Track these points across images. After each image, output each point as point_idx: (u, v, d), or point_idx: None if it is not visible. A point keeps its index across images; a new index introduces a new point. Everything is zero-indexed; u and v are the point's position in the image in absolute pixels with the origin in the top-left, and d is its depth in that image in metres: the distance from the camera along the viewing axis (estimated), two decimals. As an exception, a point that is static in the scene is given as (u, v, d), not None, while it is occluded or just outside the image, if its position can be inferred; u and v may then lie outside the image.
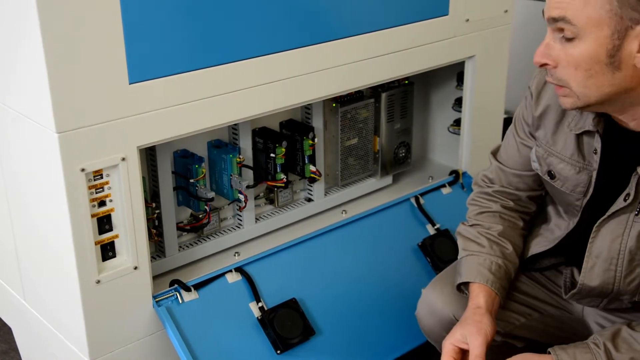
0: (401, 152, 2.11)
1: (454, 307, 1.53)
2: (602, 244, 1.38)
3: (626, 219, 1.35)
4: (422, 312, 1.60)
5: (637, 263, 1.36)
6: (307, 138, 1.85)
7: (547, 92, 1.44)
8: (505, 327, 1.56)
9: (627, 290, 1.40)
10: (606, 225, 1.38)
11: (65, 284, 1.51)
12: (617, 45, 1.20)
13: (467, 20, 1.95)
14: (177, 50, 1.45)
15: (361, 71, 1.77)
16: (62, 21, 1.28)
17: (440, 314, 1.56)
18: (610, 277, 1.39)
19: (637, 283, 1.38)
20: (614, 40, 1.20)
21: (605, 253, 1.38)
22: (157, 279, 1.66)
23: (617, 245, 1.37)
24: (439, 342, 1.59)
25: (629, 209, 1.34)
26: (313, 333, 1.70)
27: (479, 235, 1.54)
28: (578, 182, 1.42)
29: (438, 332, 1.57)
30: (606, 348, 1.31)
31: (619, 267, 1.38)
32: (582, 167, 1.41)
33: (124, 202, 1.47)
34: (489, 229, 1.55)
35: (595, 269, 1.40)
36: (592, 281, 1.42)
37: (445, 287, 1.57)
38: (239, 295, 1.69)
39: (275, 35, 1.58)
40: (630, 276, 1.38)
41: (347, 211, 1.99)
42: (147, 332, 1.60)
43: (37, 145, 1.42)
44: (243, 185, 1.74)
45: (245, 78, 1.56)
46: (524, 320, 1.57)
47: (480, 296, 1.45)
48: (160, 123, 1.47)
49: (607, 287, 1.41)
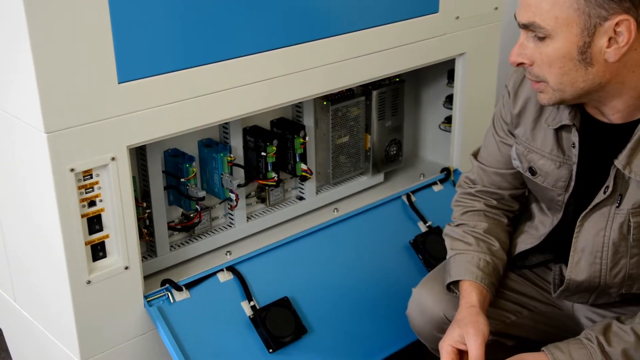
0: (392, 149, 2.11)
1: (445, 306, 1.54)
2: (586, 237, 1.40)
3: (608, 211, 1.36)
4: (413, 311, 1.60)
5: (621, 255, 1.38)
6: (298, 136, 1.84)
7: (525, 90, 1.47)
8: (496, 326, 1.56)
9: (613, 282, 1.41)
10: (589, 219, 1.39)
11: (56, 285, 1.50)
12: (587, 42, 1.23)
13: (457, 17, 1.95)
14: (166, 49, 1.44)
15: (352, 69, 1.77)
16: (50, 20, 1.28)
17: (431, 313, 1.56)
18: (596, 271, 1.40)
19: (622, 275, 1.39)
20: (584, 37, 1.23)
21: (590, 247, 1.39)
22: (148, 279, 1.66)
23: (601, 238, 1.38)
24: (429, 341, 1.60)
25: (609, 201, 1.36)
26: (305, 331, 1.70)
27: (465, 234, 1.55)
28: (559, 177, 1.44)
29: (429, 331, 1.58)
30: (599, 342, 1.32)
31: (604, 260, 1.39)
32: (562, 162, 1.43)
33: (114, 202, 1.46)
34: (475, 227, 1.55)
35: (581, 263, 1.41)
36: (579, 276, 1.42)
37: (436, 286, 1.57)
38: (231, 294, 1.68)
39: (265, 33, 1.58)
40: (615, 268, 1.39)
41: (338, 209, 1.99)
42: (138, 332, 1.60)
43: (26, 146, 1.41)
44: (234, 184, 1.73)
45: (235, 77, 1.56)
46: (514, 318, 1.58)
47: (472, 294, 1.45)
48: (150, 122, 1.46)
49: (594, 280, 1.42)
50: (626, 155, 1.31)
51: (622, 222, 1.35)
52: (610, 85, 1.29)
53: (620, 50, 1.23)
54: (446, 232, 1.61)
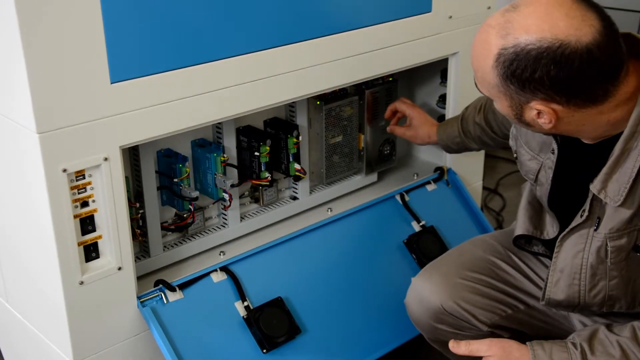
0: (386, 149, 2.11)
1: (442, 296, 1.56)
2: (565, 258, 1.40)
3: (586, 233, 1.36)
4: (411, 300, 1.63)
5: (600, 277, 1.37)
6: (291, 136, 1.84)
7: None
8: (491, 318, 1.58)
9: (593, 302, 1.40)
10: (568, 240, 1.39)
11: (48, 286, 1.50)
12: (518, 112, 1.28)
13: (450, 17, 1.95)
14: (159, 49, 1.44)
15: (345, 69, 1.76)
16: (42, 20, 1.27)
17: (428, 302, 1.58)
18: (575, 292, 1.40)
19: (602, 296, 1.39)
20: (514, 108, 1.27)
21: (568, 268, 1.40)
22: (141, 279, 1.66)
23: (579, 260, 1.37)
24: (426, 331, 1.64)
25: (588, 223, 1.35)
26: (299, 331, 1.69)
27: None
28: (529, 169, 1.49)
29: (425, 320, 1.60)
30: (582, 349, 1.32)
31: (582, 282, 1.39)
32: (533, 155, 1.47)
33: (107, 203, 1.46)
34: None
35: (560, 283, 1.42)
36: (558, 295, 1.43)
37: (434, 276, 1.60)
38: (225, 294, 1.68)
39: (257, 33, 1.57)
40: (594, 290, 1.38)
41: (332, 209, 1.98)
42: (131, 333, 1.59)
43: (17, 146, 1.41)
44: (227, 184, 1.73)
45: (228, 76, 1.55)
46: (510, 311, 1.60)
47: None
48: (143, 122, 1.46)
49: (573, 300, 1.42)
50: (600, 180, 1.30)
51: (600, 246, 1.34)
52: (565, 131, 1.31)
53: (550, 123, 1.26)
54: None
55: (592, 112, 1.24)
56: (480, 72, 1.27)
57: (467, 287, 1.58)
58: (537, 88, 1.20)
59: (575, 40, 1.16)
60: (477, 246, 1.67)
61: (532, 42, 1.17)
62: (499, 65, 1.21)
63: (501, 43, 1.20)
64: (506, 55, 1.20)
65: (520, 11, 1.20)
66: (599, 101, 1.22)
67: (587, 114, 1.24)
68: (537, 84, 1.20)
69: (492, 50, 1.22)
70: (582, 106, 1.23)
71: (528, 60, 1.18)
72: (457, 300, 1.57)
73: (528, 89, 1.21)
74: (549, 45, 1.16)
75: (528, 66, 1.18)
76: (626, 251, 1.33)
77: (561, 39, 1.16)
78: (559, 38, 1.16)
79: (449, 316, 1.58)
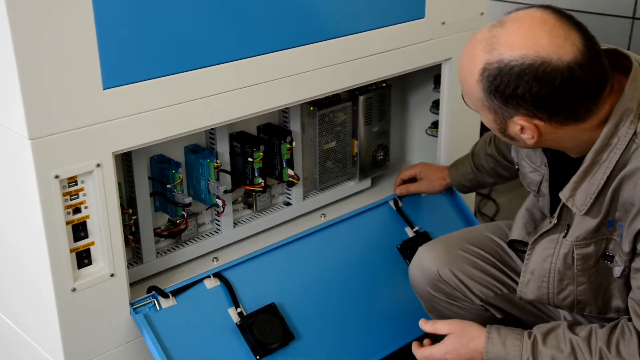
0: (379, 154, 2.11)
1: (439, 263, 1.64)
2: (536, 261, 1.43)
3: (556, 239, 1.39)
4: (413, 267, 1.72)
5: (568, 282, 1.39)
6: (284, 142, 1.84)
7: None
8: (486, 294, 1.64)
9: (562, 305, 1.43)
10: (539, 244, 1.42)
11: (40, 292, 1.49)
12: (502, 127, 1.30)
13: (443, 23, 1.96)
14: (151, 55, 1.43)
15: (338, 74, 1.77)
16: (34, 25, 1.27)
17: (427, 268, 1.66)
18: (544, 294, 1.43)
19: (571, 300, 1.41)
20: (499, 122, 1.29)
21: (538, 271, 1.42)
22: (134, 286, 1.65)
23: (548, 264, 1.40)
24: (423, 298, 1.72)
25: (557, 229, 1.38)
26: (292, 338, 1.69)
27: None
28: (531, 180, 1.51)
29: (423, 287, 1.68)
30: (535, 339, 1.35)
31: (550, 285, 1.41)
32: (534, 168, 1.49)
33: (99, 209, 1.45)
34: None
35: (530, 284, 1.45)
36: (528, 295, 1.46)
37: (437, 245, 1.69)
38: (218, 300, 1.68)
39: (250, 39, 1.57)
40: (562, 294, 1.41)
41: (326, 215, 1.98)
42: (124, 340, 1.58)
43: (9, 152, 1.40)
44: (221, 190, 1.73)
45: (221, 82, 1.55)
46: (506, 291, 1.65)
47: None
48: (136, 128, 1.45)
49: (543, 301, 1.45)
50: (569, 189, 1.32)
51: (567, 253, 1.36)
52: (549, 145, 1.32)
53: (533, 139, 1.28)
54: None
55: (575, 129, 1.26)
56: (466, 85, 1.29)
57: (465, 259, 1.64)
58: (520, 104, 1.22)
59: (557, 59, 1.18)
60: (488, 228, 1.74)
61: (515, 58, 1.19)
62: (483, 80, 1.23)
63: (486, 58, 1.22)
64: (490, 70, 1.22)
65: (506, 27, 1.22)
66: (581, 119, 1.25)
67: (569, 131, 1.26)
68: (519, 100, 1.22)
69: (477, 64, 1.24)
70: (564, 123, 1.25)
71: (511, 76, 1.20)
72: (454, 269, 1.63)
73: (511, 105, 1.23)
74: (532, 63, 1.18)
75: (511, 82, 1.20)
76: (594, 259, 1.35)
77: (543, 57, 1.18)
78: (541, 55, 1.18)
79: (444, 284, 1.64)
